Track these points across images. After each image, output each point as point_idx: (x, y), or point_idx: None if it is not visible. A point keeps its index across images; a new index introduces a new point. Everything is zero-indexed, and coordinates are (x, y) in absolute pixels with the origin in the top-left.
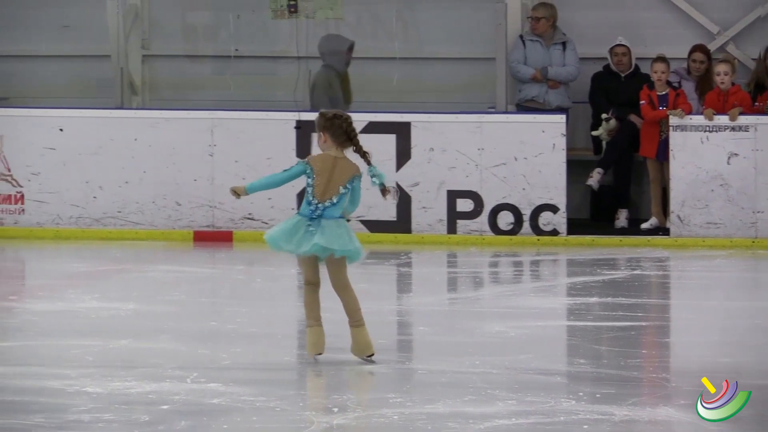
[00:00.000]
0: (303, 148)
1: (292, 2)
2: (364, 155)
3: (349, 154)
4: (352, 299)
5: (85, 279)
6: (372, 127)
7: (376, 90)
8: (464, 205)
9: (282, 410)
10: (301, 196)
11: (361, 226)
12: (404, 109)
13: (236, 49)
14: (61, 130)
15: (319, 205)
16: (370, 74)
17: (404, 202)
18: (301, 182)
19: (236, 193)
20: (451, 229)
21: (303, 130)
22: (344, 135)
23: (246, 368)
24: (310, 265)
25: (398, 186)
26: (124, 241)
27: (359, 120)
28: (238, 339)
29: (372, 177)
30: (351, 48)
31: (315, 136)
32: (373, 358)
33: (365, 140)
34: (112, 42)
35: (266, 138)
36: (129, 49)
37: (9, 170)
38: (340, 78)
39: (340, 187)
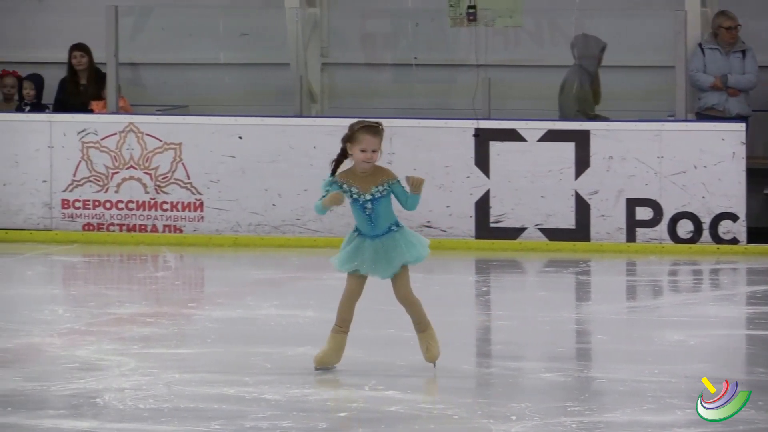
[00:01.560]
0: (481, 156)
1: (471, 10)
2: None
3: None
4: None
5: (264, 286)
6: (551, 135)
7: (555, 97)
8: (643, 213)
9: (460, 418)
10: (479, 204)
11: (540, 234)
12: (583, 117)
13: (415, 57)
14: (240, 137)
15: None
16: (549, 82)
17: (583, 209)
18: (479, 189)
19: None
20: (630, 237)
21: (481, 138)
22: None
23: (424, 375)
24: None
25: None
26: (303, 249)
27: (538, 128)
28: (416, 346)
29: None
30: (603, 49)
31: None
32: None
33: (545, 147)
34: (292, 50)
35: (445, 146)
36: (308, 57)
37: (188, 177)
38: (590, 78)
39: None
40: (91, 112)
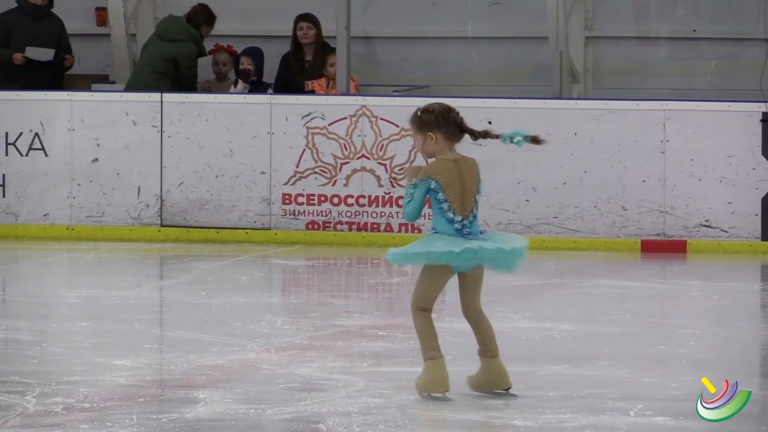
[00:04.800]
0: None
1: None
2: (487, 134)
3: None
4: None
5: (514, 294)
6: None
7: None
8: None
9: None
10: (767, 200)
11: None
12: None
13: (694, 30)
14: (489, 122)
15: (465, 222)
16: None
17: None
18: (766, 184)
19: None
20: None
21: None
22: (458, 129)
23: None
24: (441, 290)
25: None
26: (560, 251)
27: None
28: (690, 366)
29: (514, 141)
30: None
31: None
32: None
33: None
34: (551, 22)
35: (727, 133)
36: (570, 30)
37: None
38: None
39: (476, 195)
40: (312, 93)
